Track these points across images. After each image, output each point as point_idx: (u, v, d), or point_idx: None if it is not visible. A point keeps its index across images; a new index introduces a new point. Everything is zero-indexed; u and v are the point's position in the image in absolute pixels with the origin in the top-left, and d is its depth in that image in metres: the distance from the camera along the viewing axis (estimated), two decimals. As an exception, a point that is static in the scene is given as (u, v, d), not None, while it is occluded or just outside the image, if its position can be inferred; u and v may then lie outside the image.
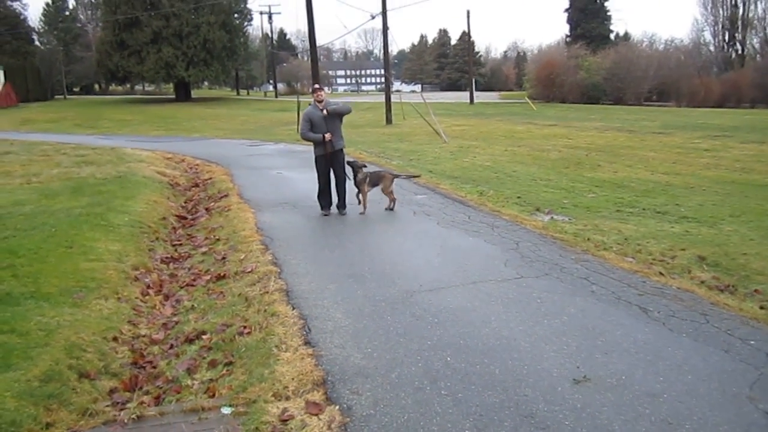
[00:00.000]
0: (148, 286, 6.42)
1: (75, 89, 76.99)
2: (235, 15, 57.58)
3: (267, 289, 5.90)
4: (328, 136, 9.08)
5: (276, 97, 68.95)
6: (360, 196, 9.47)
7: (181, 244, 8.50)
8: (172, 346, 4.98)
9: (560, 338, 4.68)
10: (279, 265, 6.73)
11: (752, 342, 4.58)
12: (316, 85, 9.59)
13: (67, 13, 75.79)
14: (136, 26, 50.15)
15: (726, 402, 3.75)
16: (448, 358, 4.37)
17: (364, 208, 9.48)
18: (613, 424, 3.52)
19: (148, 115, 39.42)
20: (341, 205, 9.52)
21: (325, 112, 9.08)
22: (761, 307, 5.40)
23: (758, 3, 61.23)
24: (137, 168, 13.91)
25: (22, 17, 66.06)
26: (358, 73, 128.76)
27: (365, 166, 9.65)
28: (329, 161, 9.28)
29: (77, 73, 71.66)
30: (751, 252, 7.12)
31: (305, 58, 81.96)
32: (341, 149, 9.41)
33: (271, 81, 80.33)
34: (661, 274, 6.33)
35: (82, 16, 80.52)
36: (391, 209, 9.62)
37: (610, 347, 4.51)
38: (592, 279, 6.11)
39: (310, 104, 9.42)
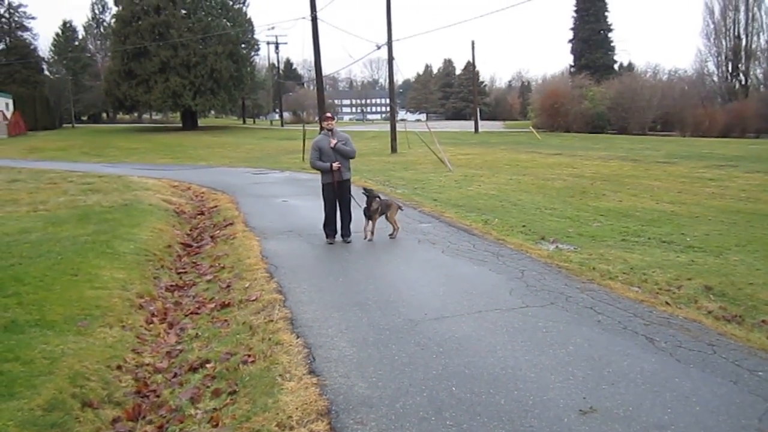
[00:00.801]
0: (153, 314, 6.41)
1: (83, 118, 77.94)
2: (242, 45, 58.42)
3: (271, 318, 5.89)
4: (336, 165, 9.15)
5: (282, 125, 69.51)
6: (371, 224, 9.54)
7: (186, 272, 8.50)
8: (175, 375, 4.96)
9: (566, 368, 4.65)
10: (284, 294, 6.73)
11: (760, 373, 4.53)
12: (327, 114, 9.63)
13: (77, 43, 77.02)
14: (144, 56, 50.94)
15: (735, 434, 3.70)
16: (453, 388, 4.33)
17: (373, 235, 9.53)
18: (620, 457, 3.47)
19: (155, 144, 39.77)
20: (346, 233, 9.53)
21: (333, 141, 9.16)
22: (769, 338, 5.36)
23: (761, 34, 61.88)
24: (143, 196, 13.99)
25: (32, 47, 67.31)
26: (363, 102, 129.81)
27: (379, 197, 9.69)
28: (336, 189, 9.33)
29: (85, 102, 72.59)
30: (758, 282, 7.08)
31: (311, 88, 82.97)
32: (348, 179, 9.47)
33: (277, 110, 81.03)
34: (667, 303, 6.30)
35: (91, 46, 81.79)
36: (394, 237, 9.64)
37: (617, 378, 4.47)
38: (598, 308, 6.08)
39: (320, 133, 9.49)
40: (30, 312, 5.68)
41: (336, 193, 9.36)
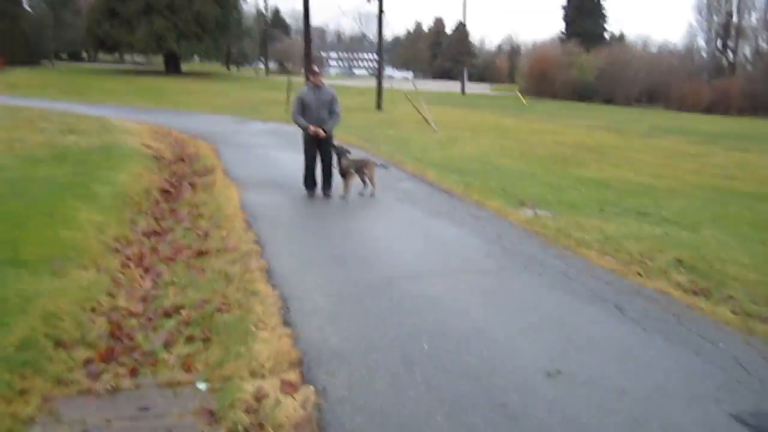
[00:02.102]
0: (129, 259, 6.38)
1: (62, 56, 75.89)
2: (229, -10, 56.92)
3: (248, 268, 5.90)
4: (313, 129, 9.07)
5: (267, 75, 68.42)
6: (345, 180, 9.46)
7: (163, 218, 8.42)
8: (150, 320, 4.96)
9: (536, 332, 4.74)
10: (261, 245, 6.73)
11: (722, 345, 4.67)
12: (316, 69, 9.50)
13: (58, -23, 74.44)
14: (128, -5, 49.46)
15: (693, 402, 3.83)
16: (425, 346, 4.41)
17: (347, 194, 9.46)
18: (581, 418, 3.58)
19: (136, 87, 38.96)
20: (326, 187, 9.51)
21: (321, 132, 9.12)
22: (733, 312, 5.49)
23: (752, 12, 61.76)
24: (123, 139, 13.77)
25: (11, -21, 64.86)
26: (350, 56, 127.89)
27: (349, 153, 9.59)
28: (316, 142, 9.26)
29: (65, 40, 70.56)
30: (728, 257, 7.21)
31: (299, 38, 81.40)
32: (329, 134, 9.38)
33: (262, 58, 79.60)
34: (638, 274, 6.41)
35: (73, -19, 79.14)
36: (372, 195, 9.62)
37: (584, 343, 4.58)
38: (571, 275, 6.18)
39: (305, 84, 9.37)
40: (3, 251, 5.62)
41: (316, 146, 9.29)
